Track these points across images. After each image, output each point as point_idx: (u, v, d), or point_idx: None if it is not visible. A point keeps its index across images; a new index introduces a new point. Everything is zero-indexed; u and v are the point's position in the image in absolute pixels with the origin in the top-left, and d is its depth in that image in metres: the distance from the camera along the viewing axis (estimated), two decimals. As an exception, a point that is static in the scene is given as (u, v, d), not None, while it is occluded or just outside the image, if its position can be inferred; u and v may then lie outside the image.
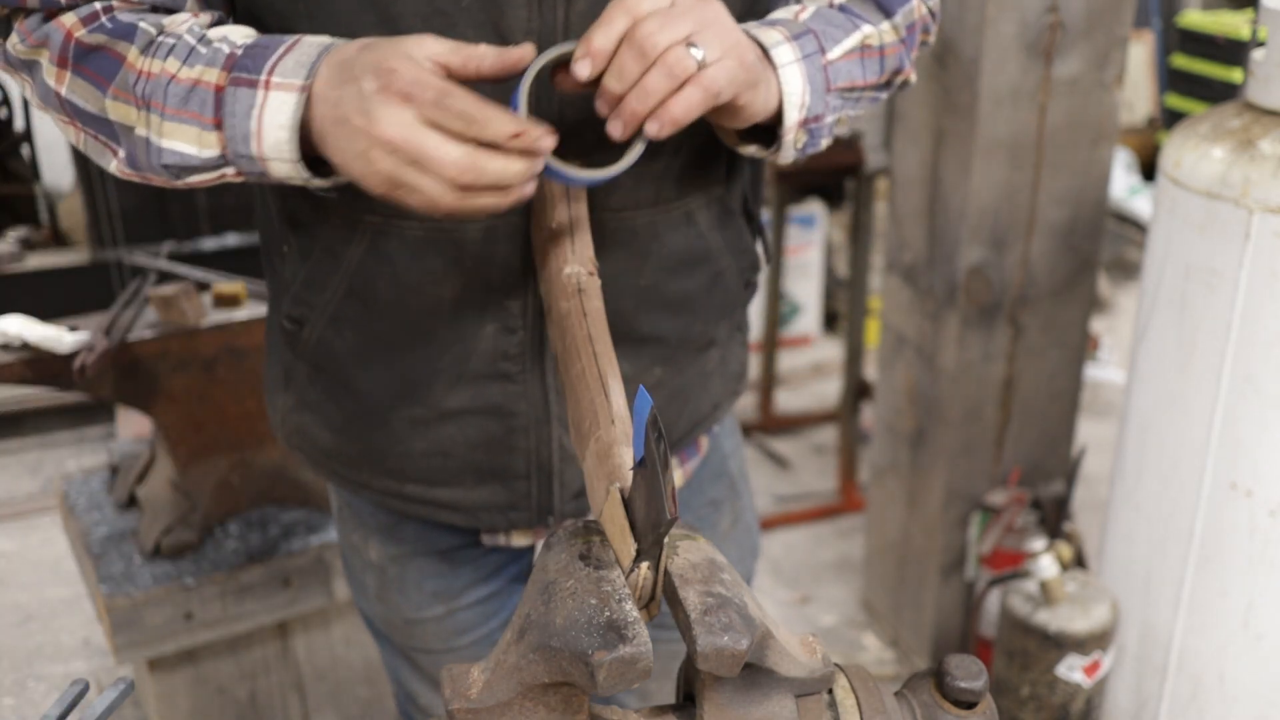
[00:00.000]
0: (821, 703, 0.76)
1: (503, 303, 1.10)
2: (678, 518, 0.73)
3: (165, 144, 0.93)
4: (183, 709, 2.18)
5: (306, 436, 1.27)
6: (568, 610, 0.71)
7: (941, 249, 2.41)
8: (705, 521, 1.39)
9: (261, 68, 0.90)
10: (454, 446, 1.18)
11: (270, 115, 0.90)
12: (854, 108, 1.09)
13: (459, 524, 1.25)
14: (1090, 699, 2.24)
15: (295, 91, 0.89)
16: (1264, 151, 1.79)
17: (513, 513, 1.22)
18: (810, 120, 1.02)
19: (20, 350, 1.96)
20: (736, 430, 1.47)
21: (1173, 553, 2.02)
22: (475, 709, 0.72)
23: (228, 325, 2.10)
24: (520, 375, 1.14)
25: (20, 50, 0.99)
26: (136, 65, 0.94)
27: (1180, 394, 1.95)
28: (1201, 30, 4.93)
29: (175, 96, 0.92)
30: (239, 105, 0.90)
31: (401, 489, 1.23)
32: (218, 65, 0.92)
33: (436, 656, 1.37)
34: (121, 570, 2.08)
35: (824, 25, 1.04)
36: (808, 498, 3.49)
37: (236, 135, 0.91)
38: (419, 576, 1.32)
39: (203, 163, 0.93)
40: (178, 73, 0.92)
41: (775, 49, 0.99)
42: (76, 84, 0.97)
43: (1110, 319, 4.55)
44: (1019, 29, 2.18)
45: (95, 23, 0.96)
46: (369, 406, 1.18)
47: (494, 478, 1.20)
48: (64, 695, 0.93)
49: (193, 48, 0.94)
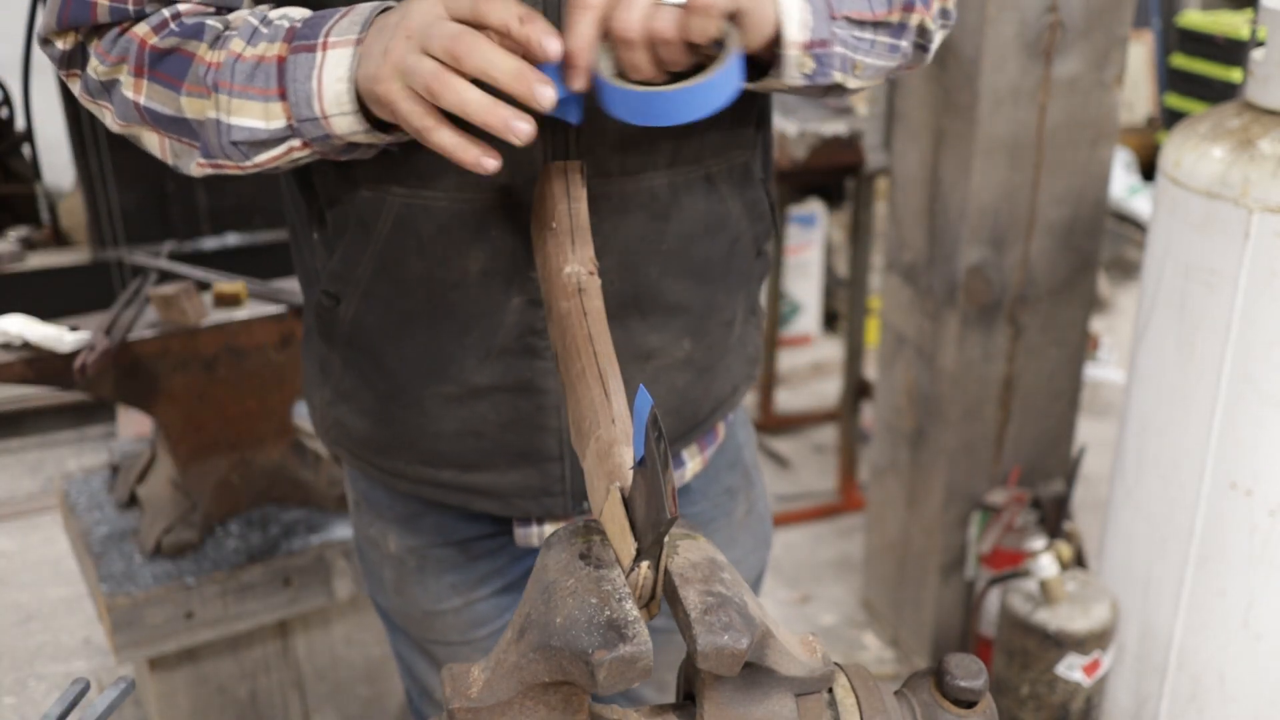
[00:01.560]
0: (821, 702, 0.76)
1: (528, 274, 1.10)
2: (678, 517, 0.73)
3: (234, 120, 0.96)
4: (183, 708, 2.18)
5: (343, 429, 1.28)
6: (568, 609, 0.71)
7: (941, 249, 2.41)
8: (721, 510, 1.39)
9: (319, 32, 0.93)
10: (486, 426, 1.18)
11: (329, 71, 0.92)
12: (868, 52, 1.05)
13: (494, 512, 1.26)
14: (1090, 698, 2.25)
15: (350, 45, 0.92)
16: (1263, 151, 1.79)
17: (547, 498, 1.23)
18: (816, 44, 0.99)
19: (21, 350, 1.96)
20: (748, 420, 1.47)
21: (1172, 552, 2.02)
22: (475, 708, 0.72)
23: (228, 325, 2.10)
24: (549, 351, 1.14)
25: (101, 71, 1.03)
26: (206, 58, 0.97)
27: (1180, 394, 1.95)
28: (1201, 30, 4.93)
29: (241, 74, 0.95)
30: (299, 70, 0.93)
31: (437, 475, 1.24)
32: (279, 39, 0.95)
33: (454, 649, 1.38)
34: (122, 569, 2.08)
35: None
36: (808, 497, 3.49)
37: (300, 100, 0.93)
38: (438, 568, 1.33)
39: (270, 134, 0.95)
40: (242, 52, 0.96)
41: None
42: (153, 90, 1.00)
43: (1110, 319, 4.55)
44: (1019, 29, 2.18)
45: (165, 29, 1.00)
46: (401, 384, 1.19)
47: (526, 460, 1.20)
48: (65, 694, 0.93)
49: (255, 28, 0.97)
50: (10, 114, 4.00)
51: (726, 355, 1.28)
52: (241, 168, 0.99)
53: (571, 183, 1.02)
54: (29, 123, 3.98)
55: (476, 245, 1.09)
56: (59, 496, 2.36)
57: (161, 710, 2.17)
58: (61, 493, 2.35)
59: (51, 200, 3.96)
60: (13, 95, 3.96)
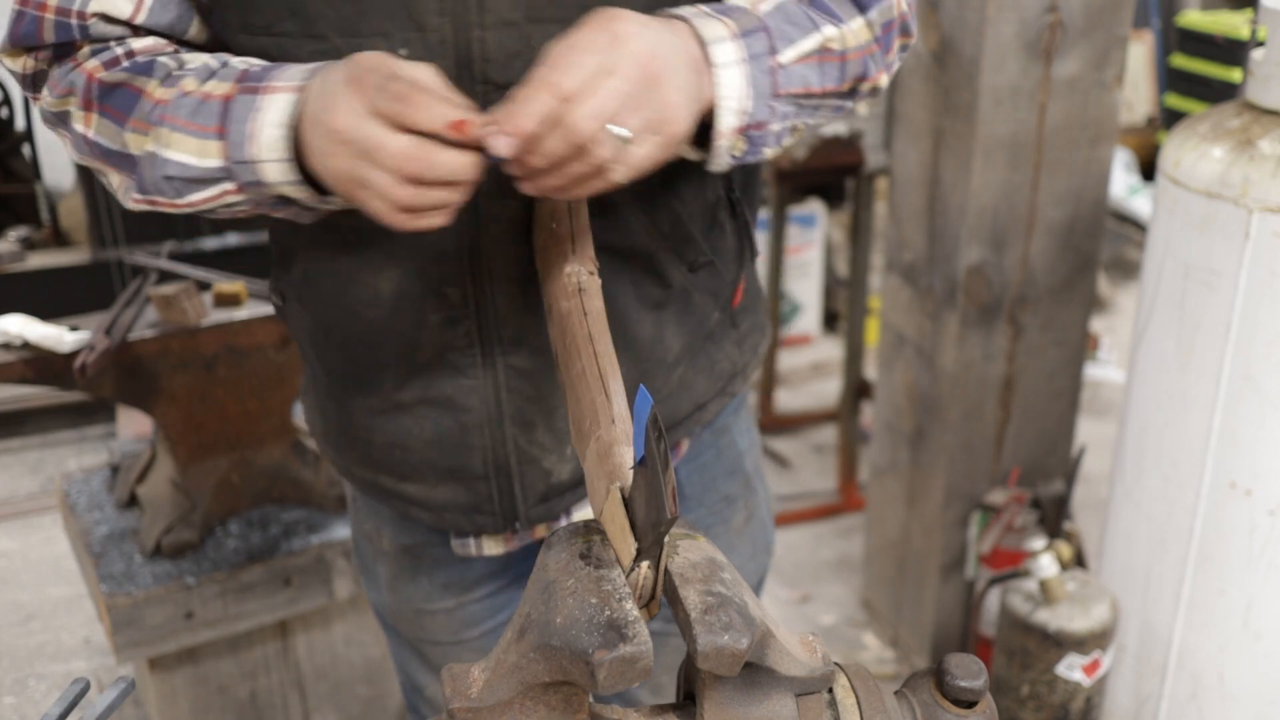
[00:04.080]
0: (821, 702, 0.76)
1: (441, 291, 1.09)
2: (678, 517, 0.73)
3: (168, 154, 0.94)
4: (183, 708, 2.18)
5: (312, 424, 1.31)
6: (568, 609, 0.71)
7: (941, 248, 2.41)
8: (718, 517, 1.38)
9: (268, 76, 0.92)
10: (411, 440, 1.18)
11: (265, 115, 0.90)
12: (811, 116, 1.01)
13: (428, 523, 1.25)
14: (1090, 698, 2.25)
15: (291, 91, 0.90)
16: (1263, 151, 1.79)
17: (477, 515, 1.21)
18: (751, 126, 0.95)
19: (21, 350, 1.96)
20: (752, 427, 1.45)
21: (1172, 552, 2.02)
22: (475, 708, 0.72)
23: (228, 325, 2.10)
24: (471, 369, 1.13)
25: (50, 103, 1.02)
26: (154, 95, 0.96)
27: (1180, 393, 1.95)
28: (1201, 30, 4.93)
29: (185, 109, 0.94)
30: (240, 109, 0.91)
31: (376, 479, 1.24)
32: (230, 80, 0.94)
33: (445, 649, 1.38)
34: (122, 569, 2.08)
35: (781, 22, 0.96)
36: (808, 497, 3.49)
37: (236, 141, 0.91)
38: (431, 567, 1.33)
39: (203, 173, 0.93)
40: (193, 89, 0.94)
41: (715, 46, 0.92)
42: (101, 124, 0.99)
43: (1110, 319, 4.55)
44: (1019, 29, 2.18)
45: (116, 65, 0.99)
46: (334, 393, 1.21)
47: (452, 477, 1.19)
48: (65, 694, 0.93)
49: (213, 70, 0.96)
50: (10, 114, 4.00)
51: (680, 384, 1.23)
52: (175, 205, 0.97)
53: (571, 183, 1.01)
54: (29, 123, 3.98)
55: (388, 266, 1.08)
56: (59, 496, 2.36)
57: (161, 710, 2.17)
58: (61, 493, 2.34)
59: (51, 200, 3.97)
60: (12, 95, 3.96)
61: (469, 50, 0.97)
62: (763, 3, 0.98)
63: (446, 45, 0.97)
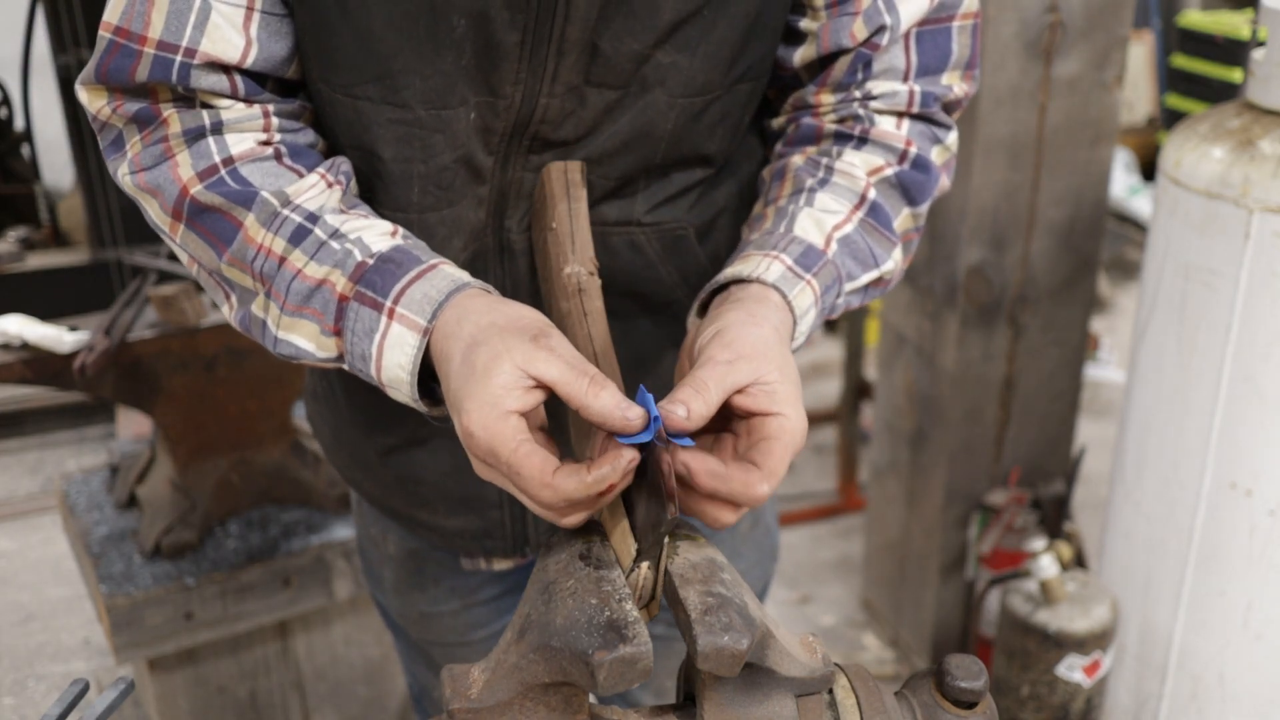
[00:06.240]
0: (822, 702, 0.76)
1: None
2: (678, 517, 0.73)
3: (283, 336, 0.91)
4: (183, 709, 2.18)
5: (316, 426, 1.31)
6: (568, 610, 0.71)
7: (941, 249, 2.41)
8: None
9: (389, 291, 0.87)
10: (427, 473, 1.18)
11: (390, 350, 0.86)
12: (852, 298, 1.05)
13: (437, 545, 1.26)
14: (1090, 698, 2.24)
15: (418, 333, 0.86)
16: (1264, 151, 1.79)
17: (488, 541, 1.22)
18: None
19: (20, 350, 1.96)
20: None
21: (1172, 552, 2.02)
22: (475, 709, 0.72)
23: (228, 325, 2.09)
24: None
25: (128, 185, 0.95)
26: (256, 239, 0.90)
27: (1180, 394, 1.95)
28: (1201, 30, 4.93)
29: (298, 294, 0.89)
30: (360, 325, 0.87)
31: (387, 500, 1.25)
32: (345, 272, 0.88)
33: (451, 650, 1.38)
34: (121, 570, 2.08)
35: (847, 259, 0.99)
36: (808, 497, 3.49)
37: (355, 352, 0.88)
38: (436, 570, 1.33)
39: (320, 361, 0.91)
40: (304, 268, 0.89)
41: (803, 319, 0.94)
42: (190, 238, 0.93)
43: (1110, 319, 4.55)
44: (1019, 29, 2.18)
45: (214, 177, 0.91)
46: (357, 423, 1.20)
47: (466, 507, 1.20)
48: (64, 695, 0.93)
49: (323, 242, 0.90)
50: (10, 114, 4.00)
51: None
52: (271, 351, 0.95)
53: (571, 183, 1.02)
54: (29, 123, 3.98)
55: None
56: (59, 497, 2.36)
57: (161, 710, 2.17)
58: (61, 493, 2.34)
59: (51, 200, 3.97)
60: (12, 95, 3.96)
61: (531, 114, 0.97)
62: (836, 230, 0.99)
63: (513, 109, 0.96)
